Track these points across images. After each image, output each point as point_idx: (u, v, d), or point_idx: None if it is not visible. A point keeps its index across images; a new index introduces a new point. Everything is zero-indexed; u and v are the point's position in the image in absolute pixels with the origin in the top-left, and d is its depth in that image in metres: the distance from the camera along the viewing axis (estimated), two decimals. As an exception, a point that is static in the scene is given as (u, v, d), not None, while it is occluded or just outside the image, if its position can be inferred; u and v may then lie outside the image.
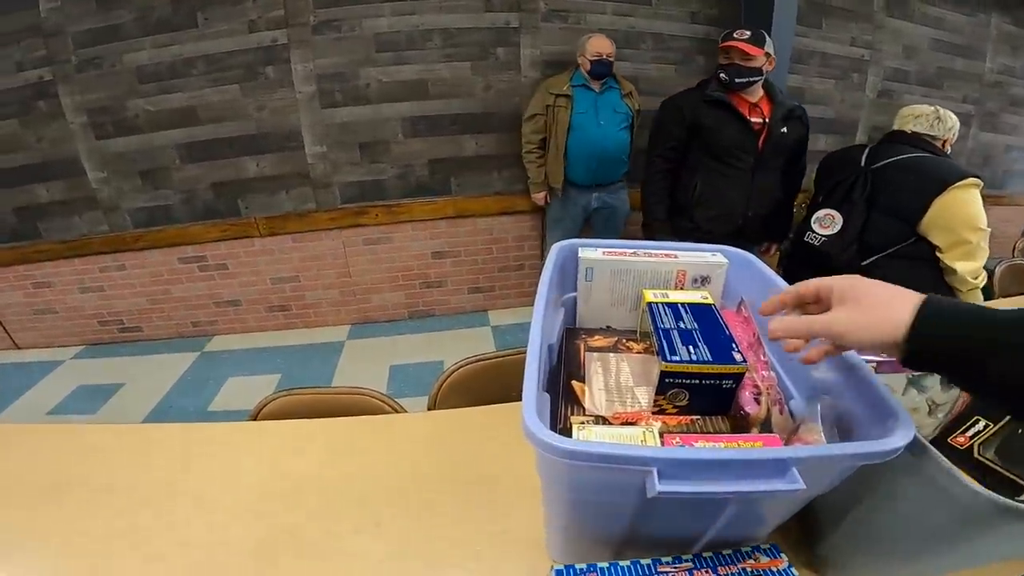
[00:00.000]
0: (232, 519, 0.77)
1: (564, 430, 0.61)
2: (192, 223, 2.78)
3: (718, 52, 1.82)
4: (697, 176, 1.90)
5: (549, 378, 0.69)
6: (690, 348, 0.64)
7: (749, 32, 1.75)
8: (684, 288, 0.86)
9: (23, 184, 2.66)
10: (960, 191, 1.41)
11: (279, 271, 2.95)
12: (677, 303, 0.77)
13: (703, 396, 0.64)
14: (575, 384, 0.72)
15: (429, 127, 2.72)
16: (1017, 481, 0.53)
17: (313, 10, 2.45)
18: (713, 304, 0.79)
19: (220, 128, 2.60)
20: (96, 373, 2.79)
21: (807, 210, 1.71)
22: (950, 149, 1.61)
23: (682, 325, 0.71)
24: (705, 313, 0.73)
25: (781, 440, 0.58)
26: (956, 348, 0.37)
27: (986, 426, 0.57)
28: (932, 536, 0.51)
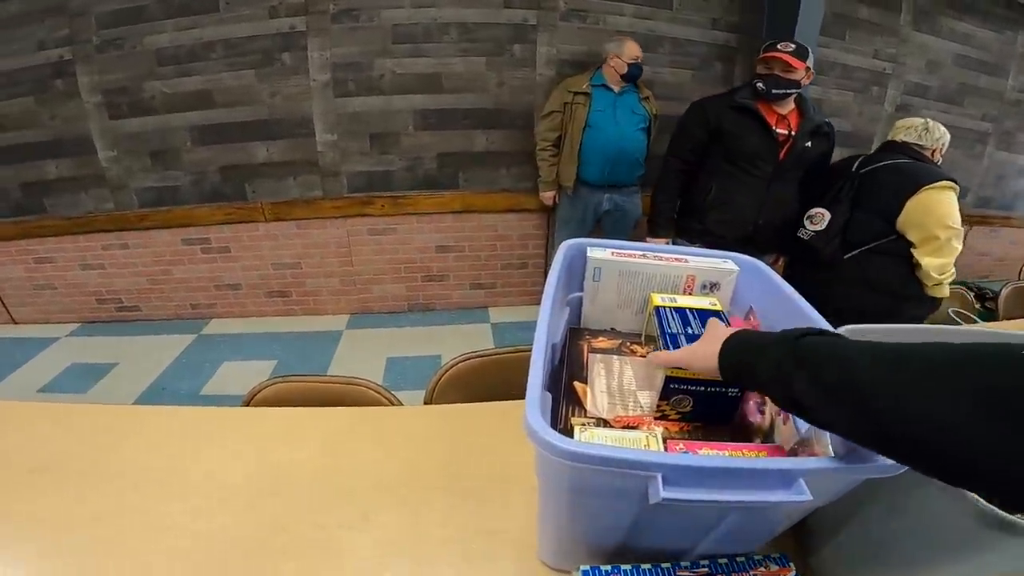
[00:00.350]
0: (218, 507, 0.75)
1: (565, 431, 0.59)
2: (198, 205, 2.77)
3: (757, 61, 1.81)
4: (713, 180, 1.89)
5: (551, 377, 0.67)
6: None
7: (794, 45, 1.75)
8: (693, 293, 0.84)
9: (33, 160, 2.66)
10: (934, 191, 1.51)
11: (281, 257, 2.94)
12: (685, 308, 0.75)
13: (707, 404, 0.63)
14: (577, 385, 0.70)
15: (440, 121, 2.71)
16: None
17: (334, -2, 2.44)
18: (722, 311, 0.77)
19: (233, 112, 2.60)
20: (90, 351, 2.77)
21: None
22: (940, 159, 1.71)
23: (689, 331, 0.69)
24: None
25: (785, 451, 0.56)
26: (739, 362, 0.50)
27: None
28: (933, 551, 0.51)
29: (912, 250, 1.57)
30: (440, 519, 0.73)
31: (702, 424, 0.65)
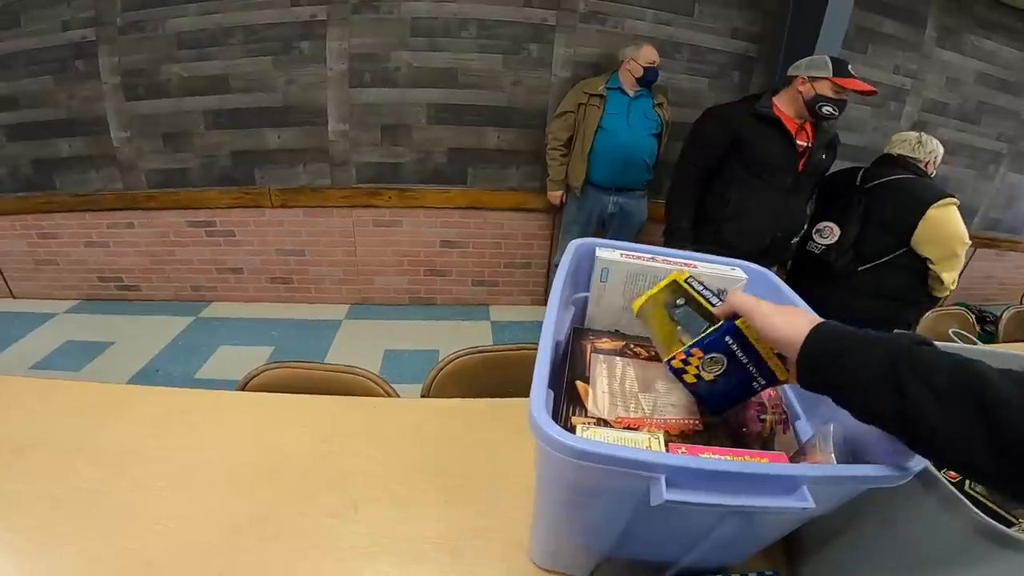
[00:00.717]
0: (205, 492, 0.74)
1: (566, 429, 0.58)
2: (206, 188, 2.77)
3: (816, 80, 1.68)
4: (732, 190, 1.83)
5: (553, 375, 0.66)
6: None
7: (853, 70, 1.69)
8: (700, 299, 0.82)
9: (46, 138, 2.67)
10: (941, 210, 1.62)
11: (286, 243, 2.93)
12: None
13: (732, 380, 0.58)
14: (579, 384, 0.68)
15: (453, 116, 2.70)
16: (1006, 516, 0.55)
17: (357, -12, 2.44)
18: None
19: (247, 98, 2.60)
20: (87, 329, 2.76)
21: (808, 224, 1.93)
22: (934, 171, 1.80)
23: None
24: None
25: (787, 458, 0.55)
26: (835, 350, 0.45)
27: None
28: (926, 563, 0.51)
29: (931, 265, 1.69)
30: (431, 514, 0.72)
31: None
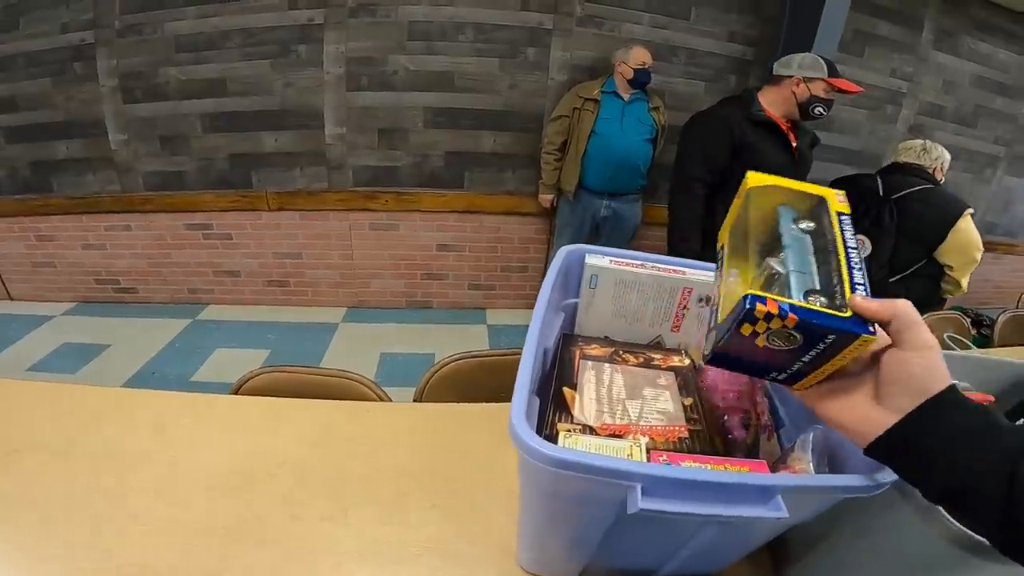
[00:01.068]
0: (195, 493, 0.74)
1: (550, 436, 0.58)
2: (203, 191, 2.77)
3: (808, 81, 1.64)
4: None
5: (540, 382, 0.67)
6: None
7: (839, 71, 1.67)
8: (688, 307, 0.83)
9: (44, 140, 2.67)
10: (965, 221, 1.72)
11: (282, 246, 2.94)
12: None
13: (777, 359, 0.42)
14: (566, 390, 0.69)
15: (450, 119, 2.71)
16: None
17: (355, -8, 2.45)
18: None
19: (244, 101, 2.61)
20: (84, 331, 2.77)
21: None
22: (943, 176, 1.87)
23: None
24: None
25: (768, 467, 0.56)
26: (941, 433, 0.36)
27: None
28: (904, 571, 0.52)
29: (949, 272, 1.78)
30: (421, 519, 0.72)
31: (690, 437, 0.63)
